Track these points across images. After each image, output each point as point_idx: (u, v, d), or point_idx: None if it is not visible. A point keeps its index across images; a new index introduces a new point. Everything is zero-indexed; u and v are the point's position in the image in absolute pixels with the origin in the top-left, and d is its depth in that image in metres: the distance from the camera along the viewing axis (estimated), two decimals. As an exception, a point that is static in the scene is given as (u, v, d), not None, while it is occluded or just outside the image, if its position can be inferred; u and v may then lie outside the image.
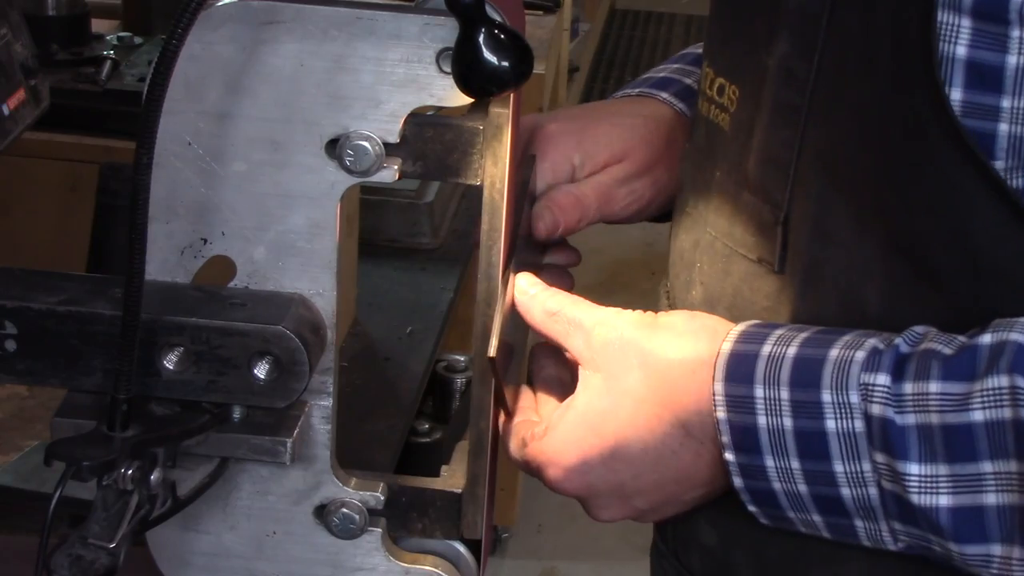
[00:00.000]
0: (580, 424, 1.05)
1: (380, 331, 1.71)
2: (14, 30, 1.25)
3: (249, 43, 0.99)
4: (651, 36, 6.33)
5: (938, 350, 0.95)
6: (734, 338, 1.03)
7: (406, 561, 1.10)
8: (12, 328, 0.99)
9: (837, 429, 0.97)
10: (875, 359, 0.96)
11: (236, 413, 1.03)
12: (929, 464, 0.94)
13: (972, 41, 0.94)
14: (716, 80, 1.12)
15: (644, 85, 1.32)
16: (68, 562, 0.94)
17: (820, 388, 0.97)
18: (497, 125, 1.02)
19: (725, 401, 1.00)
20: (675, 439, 1.03)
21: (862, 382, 0.96)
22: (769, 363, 1.00)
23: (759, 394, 0.99)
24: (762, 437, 0.99)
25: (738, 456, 1.00)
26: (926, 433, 0.94)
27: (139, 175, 0.93)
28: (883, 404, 0.95)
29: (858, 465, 0.97)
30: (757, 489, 1.01)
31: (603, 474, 1.05)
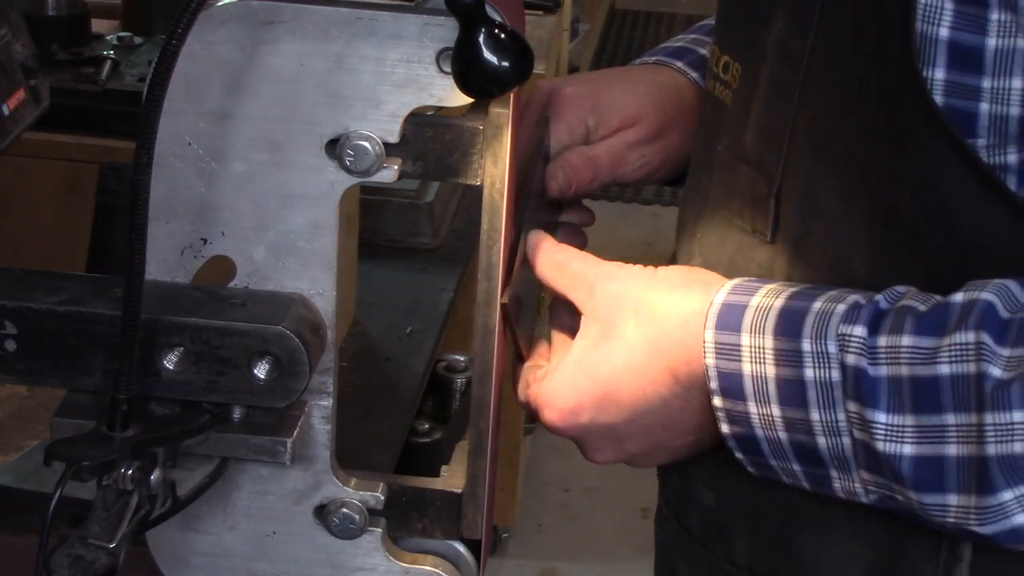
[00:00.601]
0: (575, 369, 1.09)
1: (380, 331, 1.71)
2: (14, 30, 1.25)
3: (249, 43, 0.99)
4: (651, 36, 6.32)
5: (913, 306, 0.98)
6: (727, 290, 1.06)
7: (406, 561, 1.10)
8: (12, 328, 0.99)
9: (815, 378, 1.00)
10: (854, 312, 1.00)
11: (236, 413, 1.03)
12: (896, 414, 0.97)
13: (954, 23, 0.97)
14: (721, 58, 1.15)
15: (661, 54, 1.36)
16: (68, 562, 0.94)
17: (801, 337, 1.00)
18: (497, 125, 1.02)
19: (714, 348, 1.04)
20: (664, 385, 1.07)
21: (840, 332, 0.99)
22: (756, 313, 1.03)
23: (745, 342, 1.03)
24: (746, 384, 1.03)
25: (725, 402, 1.04)
26: (896, 384, 0.97)
27: (139, 175, 0.93)
28: (858, 355, 0.98)
29: (833, 414, 1.00)
30: (742, 436, 1.04)
31: (595, 416, 1.09)
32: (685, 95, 1.30)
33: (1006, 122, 0.97)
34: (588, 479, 3.49)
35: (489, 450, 1.09)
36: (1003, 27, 0.96)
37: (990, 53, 0.96)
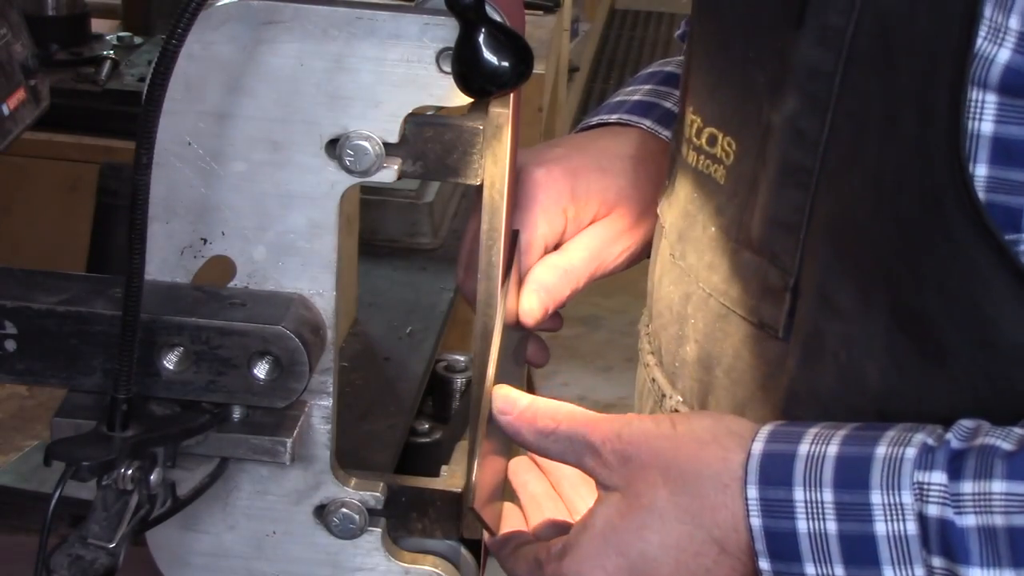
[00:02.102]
0: (602, 544, 0.99)
1: (380, 331, 1.71)
2: (14, 30, 1.25)
3: (249, 43, 0.99)
4: (651, 36, 6.32)
5: (998, 446, 0.91)
6: (764, 438, 0.97)
7: (406, 561, 1.10)
8: (12, 328, 0.99)
9: (888, 532, 0.92)
10: (928, 456, 0.91)
11: (236, 413, 1.03)
12: (993, 569, 0.89)
13: (998, 116, 0.91)
14: (705, 130, 1.07)
15: (621, 111, 1.26)
16: (68, 562, 0.94)
17: (869, 488, 0.92)
18: (497, 125, 1.02)
19: (759, 506, 0.95)
20: (709, 557, 0.97)
21: (916, 481, 0.91)
22: (809, 463, 0.94)
23: (799, 497, 0.94)
24: (802, 543, 0.94)
25: (774, 564, 0.95)
26: (989, 535, 0.89)
27: (139, 175, 0.93)
28: (941, 504, 0.90)
29: (910, 570, 0.92)
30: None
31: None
32: (660, 162, 1.20)
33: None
34: (588, 479, 3.49)
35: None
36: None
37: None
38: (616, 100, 1.29)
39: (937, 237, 0.93)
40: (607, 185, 1.19)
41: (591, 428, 1.01)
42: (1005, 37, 0.91)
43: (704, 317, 1.08)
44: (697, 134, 1.08)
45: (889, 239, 0.95)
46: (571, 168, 1.18)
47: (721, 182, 1.06)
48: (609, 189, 1.19)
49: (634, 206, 1.20)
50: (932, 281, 0.94)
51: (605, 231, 1.19)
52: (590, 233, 1.19)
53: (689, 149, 1.10)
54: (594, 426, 1.01)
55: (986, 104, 0.91)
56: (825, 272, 0.99)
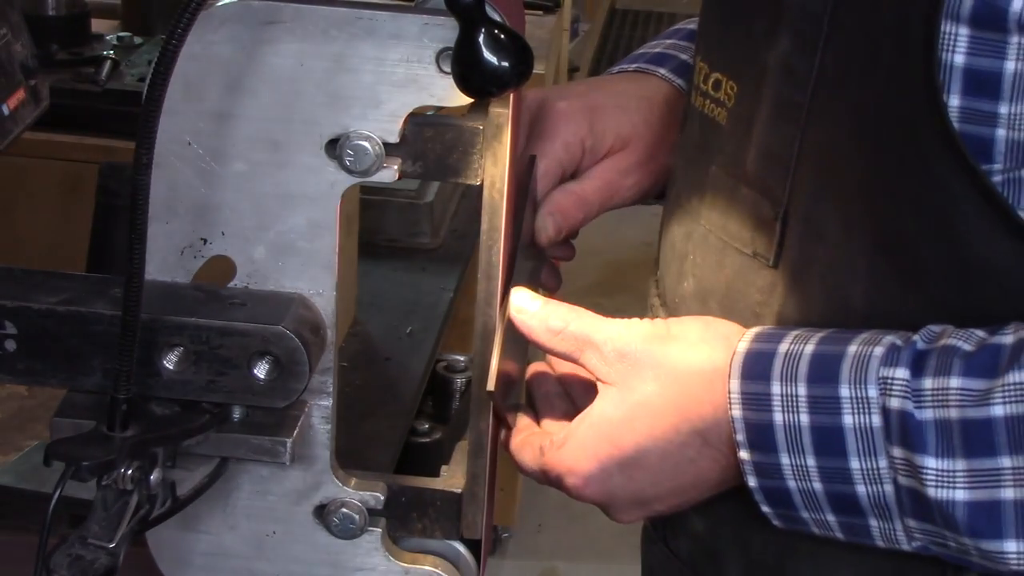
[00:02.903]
0: (597, 434, 1.06)
1: (380, 331, 1.71)
2: (14, 30, 1.25)
3: (249, 43, 0.99)
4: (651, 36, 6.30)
5: (958, 346, 0.96)
6: (750, 338, 1.03)
7: (406, 561, 1.10)
8: (12, 328, 0.99)
9: (854, 424, 0.97)
10: (894, 354, 0.97)
11: (236, 413, 1.03)
12: (946, 459, 0.94)
13: (970, 49, 0.95)
14: (712, 75, 1.13)
15: (640, 60, 1.33)
16: (68, 562, 0.94)
17: (838, 383, 0.98)
18: (497, 125, 1.02)
19: (740, 399, 1.01)
20: (693, 448, 1.04)
21: (881, 376, 0.97)
22: (786, 360, 1.00)
23: (776, 391, 1.00)
24: (778, 434, 1.00)
25: (753, 454, 1.01)
26: (944, 427, 0.94)
27: (139, 175, 0.93)
28: (902, 398, 0.96)
29: (874, 461, 0.97)
30: (772, 488, 1.01)
31: (622, 482, 1.06)
32: (673, 106, 1.28)
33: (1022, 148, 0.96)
34: (588, 479, 3.49)
35: (489, 450, 1.09)
36: (1022, 51, 0.94)
37: (1008, 78, 0.95)
38: (638, 52, 1.36)
39: (914, 163, 0.98)
40: (623, 121, 1.26)
41: (596, 328, 1.08)
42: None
43: (702, 253, 1.14)
44: (704, 80, 1.14)
45: (870, 167, 1.00)
46: (590, 104, 1.26)
47: (723, 123, 1.11)
48: (624, 125, 1.26)
49: (646, 143, 1.27)
50: (909, 205, 0.99)
51: (618, 163, 1.26)
52: (604, 165, 1.26)
53: (697, 95, 1.15)
54: (598, 326, 1.08)
55: (959, 37, 0.95)
56: (812, 201, 1.04)
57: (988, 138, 0.96)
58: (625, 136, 1.26)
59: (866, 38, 1.00)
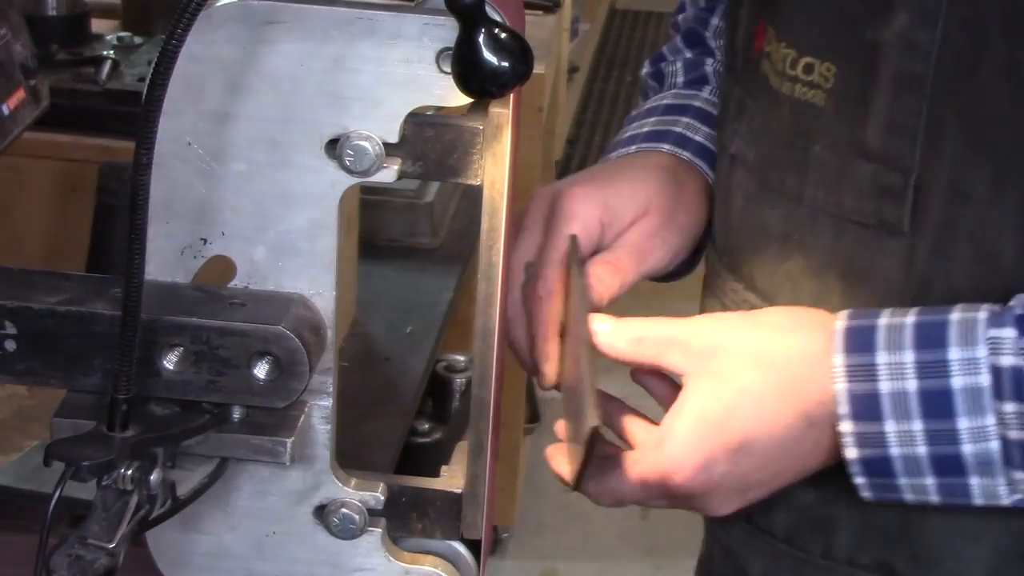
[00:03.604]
0: (700, 425, 1.07)
1: (380, 331, 1.71)
2: (14, 30, 1.25)
3: (249, 43, 0.99)
4: (651, 36, 6.32)
5: None
6: (846, 316, 1.06)
7: (406, 561, 1.10)
8: (12, 328, 0.99)
9: (963, 385, 1.01)
10: (998, 317, 1.01)
11: (236, 413, 1.03)
12: None
13: None
14: (801, 60, 1.14)
15: (638, 141, 1.34)
16: (68, 562, 0.94)
17: (946, 347, 1.01)
18: (497, 125, 1.02)
19: (845, 372, 1.04)
20: (798, 429, 1.06)
21: (989, 336, 1.00)
22: (890, 331, 1.04)
23: (882, 360, 1.03)
24: (884, 402, 1.03)
25: (856, 425, 1.04)
26: None
27: (139, 175, 0.93)
28: (1014, 355, 1.00)
29: (981, 420, 1.01)
30: (872, 458, 1.04)
31: (729, 469, 1.08)
32: (679, 174, 1.29)
33: None
34: (588, 479, 3.49)
35: (489, 450, 1.09)
36: None
37: None
38: (626, 136, 1.36)
39: None
40: (638, 191, 1.26)
41: (677, 328, 1.11)
42: None
43: (812, 230, 1.15)
44: (792, 65, 1.15)
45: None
46: (603, 182, 1.27)
47: (821, 104, 1.13)
48: (639, 195, 1.26)
49: (663, 206, 1.27)
50: None
51: (641, 230, 1.26)
52: (629, 234, 1.26)
53: (783, 81, 1.16)
54: (679, 326, 1.11)
55: None
56: (954, 164, 1.06)
57: None
58: (643, 206, 1.26)
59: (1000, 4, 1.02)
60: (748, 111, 1.22)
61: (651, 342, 1.11)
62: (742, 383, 1.07)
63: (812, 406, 1.05)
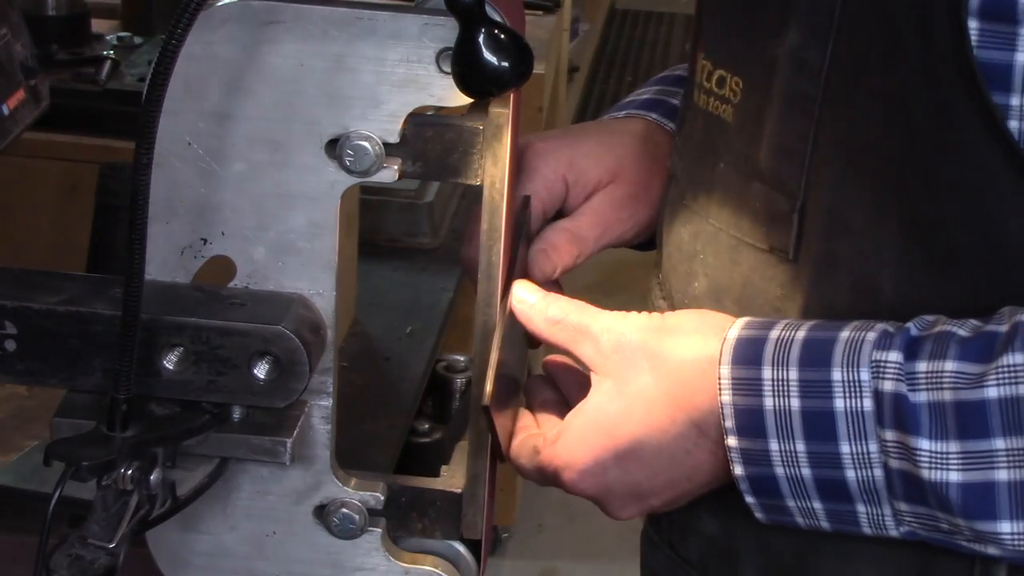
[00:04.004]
0: (592, 427, 1.06)
1: (380, 331, 1.71)
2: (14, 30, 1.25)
3: (249, 43, 0.99)
4: (651, 36, 6.32)
5: (953, 332, 0.96)
6: (740, 325, 1.03)
7: (406, 561, 1.10)
8: (12, 328, 0.99)
9: (845, 408, 0.97)
10: (887, 339, 0.97)
11: (236, 413, 1.03)
12: (940, 440, 0.94)
13: (980, 42, 0.95)
14: (715, 72, 1.12)
15: (630, 107, 1.31)
16: (68, 562, 0.94)
17: (830, 367, 0.98)
18: (497, 125, 1.02)
19: (731, 385, 1.01)
20: (689, 439, 1.04)
21: (874, 359, 0.97)
22: (778, 345, 1.00)
23: (767, 375, 1.00)
24: (768, 419, 0.99)
25: (741, 441, 1.00)
26: (938, 410, 0.94)
27: (139, 175, 0.93)
28: (896, 380, 0.96)
29: (864, 445, 0.97)
30: (758, 476, 1.01)
31: (618, 475, 1.06)
32: (662, 145, 1.25)
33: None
34: (588, 479, 3.49)
35: (489, 450, 1.09)
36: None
37: (1019, 70, 0.94)
38: (626, 100, 1.33)
39: (950, 147, 0.97)
40: (606, 152, 1.23)
41: (593, 319, 1.08)
42: None
43: (713, 251, 1.12)
44: (707, 78, 1.13)
45: (900, 154, 0.99)
46: (570, 140, 1.24)
47: (729, 120, 1.10)
48: (608, 156, 1.23)
49: (636, 174, 1.24)
50: (945, 188, 0.98)
51: (609, 196, 1.23)
52: (594, 199, 1.23)
53: (700, 93, 1.14)
54: (596, 317, 1.08)
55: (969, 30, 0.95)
56: (834, 192, 1.03)
57: None
58: (611, 168, 1.23)
59: (882, 29, 0.99)
60: (681, 124, 1.19)
61: (567, 327, 1.08)
62: (637, 387, 1.05)
63: (703, 415, 1.02)
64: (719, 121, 1.11)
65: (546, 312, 1.09)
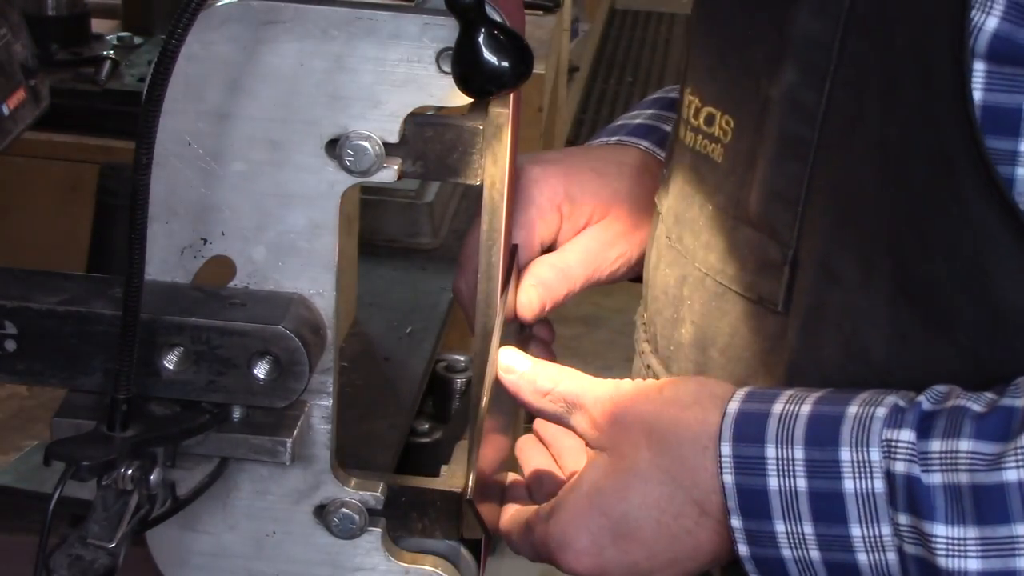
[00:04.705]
0: (587, 505, 1.02)
1: (380, 331, 1.71)
2: (14, 30, 1.25)
3: (249, 43, 0.99)
4: (651, 36, 6.32)
5: (967, 407, 0.92)
6: (740, 398, 0.99)
7: (406, 561, 1.10)
8: (12, 328, 0.99)
9: (856, 489, 0.93)
10: (897, 415, 0.93)
11: (236, 413, 1.03)
12: (958, 526, 0.90)
13: (987, 85, 0.92)
14: (703, 109, 1.08)
15: (622, 133, 1.28)
16: (68, 562, 0.94)
17: (838, 446, 0.93)
18: (497, 125, 1.02)
19: (732, 464, 0.96)
20: (690, 518, 0.99)
21: (884, 438, 0.92)
22: (782, 421, 0.96)
23: (771, 454, 0.95)
24: (773, 500, 0.95)
25: (745, 522, 0.96)
26: (954, 493, 0.90)
27: (139, 175, 0.93)
28: (908, 461, 0.91)
29: (876, 529, 0.93)
30: (764, 557, 0.97)
31: (615, 555, 1.01)
32: (656, 180, 1.21)
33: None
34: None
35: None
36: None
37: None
38: (618, 124, 1.30)
39: (947, 201, 0.93)
40: (602, 185, 1.20)
41: (585, 390, 1.04)
42: (993, 5, 0.91)
43: (700, 297, 1.09)
44: (695, 114, 1.09)
45: (895, 206, 0.95)
46: (566, 169, 1.20)
47: (719, 160, 1.07)
48: (604, 189, 1.20)
49: (630, 210, 1.21)
50: (940, 246, 0.94)
51: (601, 234, 1.20)
52: (586, 235, 1.20)
53: (687, 130, 1.10)
54: (588, 388, 1.04)
55: (975, 72, 0.91)
56: (826, 243, 0.99)
57: (1008, 177, 0.92)
58: (605, 202, 1.20)
59: (882, 70, 0.95)
60: (669, 158, 1.16)
61: (557, 398, 1.05)
62: (633, 463, 1.00)
63: (704, 494, 0.98)
64: (708, 161, 1.08)
65: (535, 383, 1.06)
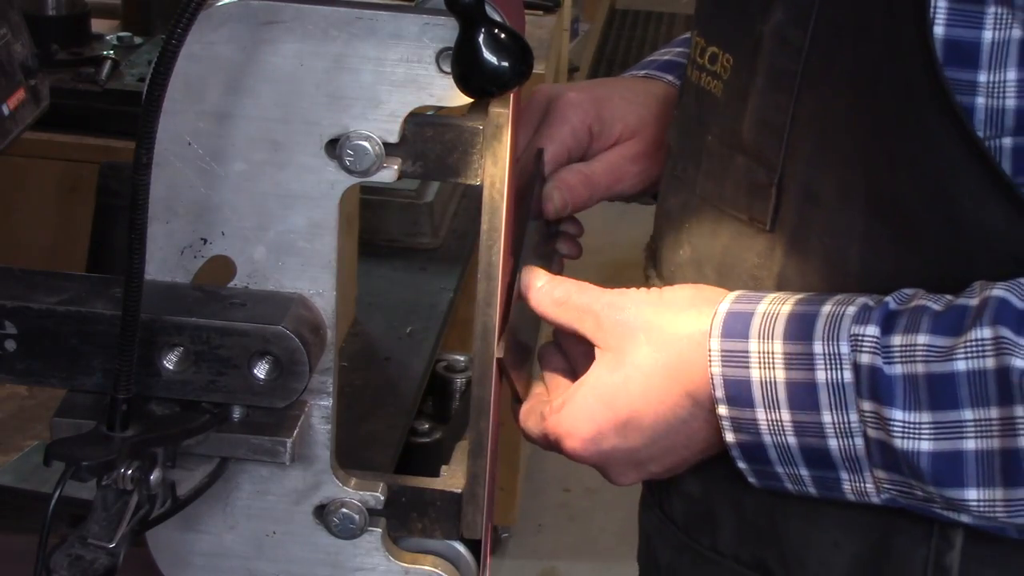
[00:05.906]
0: (593, 397, 1.10)
1: (380, 331, 1.71)
2: (14, 30, 1.25)
3: (249, 43, 0.99)
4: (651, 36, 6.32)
5: (928, 306, 1.00)
6: (730, 299, 1.08)
7: (406, 561, 1.10)
8: (12, 328, 0.99)
9: (827, 379, 1.01)
10: (865, 313, 1.01)
11: (236, 413, 1.03)
12: (913, 411, 0.99)
13: (949, 19, 0.99)
14: (708, 48, 1.16)
15: (650, 67, 1.38)
16: (68, 562, 0.94)
17: (812, 340, 1.02)
18: (497, 125, 1.02)
19: (720, 357, 1.05)
20: (685, 409, 1.08)
21: (852, 333, 1.00)
22: (764, 319, 1.05)
23: (753, 348, 1.04)
24: (755, 390, 1.04)
25: (731, 410, 1.05)
26: (911, 382, 0.99)
27: (139, 175, 0.93)
28: (872, 354, 1.00)
29: (845, 415, 1.01)
30: (748, 444, 1.05)
31: (617, 444, 1.10)
32: None
33: (1002, 115, 0.99)
34: (588, 479, 3.49)
35: (489, 450, 1.09)
36: (999, 20, 0.98)
37: (986, 47, 0.98)
38: (647, 59, 1.41)
39: (911, 127, 1.01)
40: (629, 111, 1.32)
41: (595, 298, 1.13)
42: None
43: (698, 221, 1.18)
44: (701, 54, 1.18)
45: (867, 131, 1.04)
46: (598, 94, 1.32)
47: (718, 95, 1.15)
48: (631, 115, 1.32)
49: (653, 134, 1.32)
50: (907, 168, 1.02)
51: (626, 151, 1.32)
52: (613, 151, 1.32)
53: (693, 69, 1.19)
54: (598, 296, 1.13)
55: (938, 8, 0.99)
56: (808, 167, 1.07)
57: (968, 106, 0.99)
58: (632, 126, 1.31)
59: (856, 8, 1.03)
60: (679, 97, 1.25)
61: (572, 308, 1.13)
62: (635, 360, 1.09)
63: (696, 386, 1.07)
64: (710, 96, 1.16)
65: (552, 294, 1.14)
